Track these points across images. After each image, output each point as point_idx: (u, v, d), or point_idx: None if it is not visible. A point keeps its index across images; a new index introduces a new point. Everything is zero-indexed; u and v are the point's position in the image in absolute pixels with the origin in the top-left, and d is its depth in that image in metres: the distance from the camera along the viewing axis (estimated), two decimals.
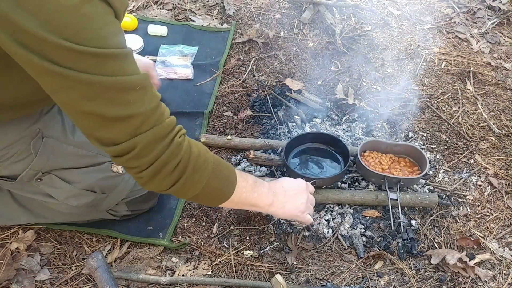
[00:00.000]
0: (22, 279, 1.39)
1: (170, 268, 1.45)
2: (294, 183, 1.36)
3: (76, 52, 0.80)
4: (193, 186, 1.06)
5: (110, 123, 0.90)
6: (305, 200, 1.35)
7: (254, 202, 1.24)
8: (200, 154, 1.05)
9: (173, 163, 0.99)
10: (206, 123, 1.90)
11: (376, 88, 2.08)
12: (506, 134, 1.90)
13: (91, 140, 0.96)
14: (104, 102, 0.87)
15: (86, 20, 0.81)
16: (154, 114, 0.95)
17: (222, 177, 1.12)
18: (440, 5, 2.55)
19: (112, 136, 0.93)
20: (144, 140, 0.94)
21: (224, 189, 1.14)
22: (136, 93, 0.91)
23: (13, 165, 1.27)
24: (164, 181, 1.01)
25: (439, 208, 1.62)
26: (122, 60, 0.89)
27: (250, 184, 1.21)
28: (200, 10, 2.48)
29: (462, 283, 1.43)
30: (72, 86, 0.85)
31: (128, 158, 0.95)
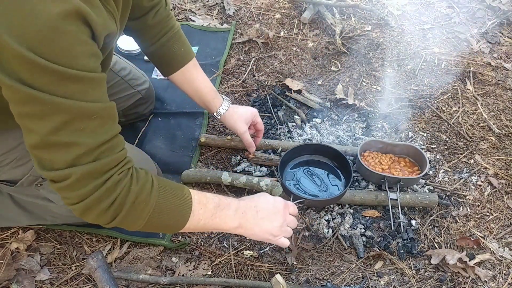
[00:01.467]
0: (22, 279, 1.39)
1: (170, 268, 1.45)
2: (269, 203, 1.22)
3: (35, 66, 0.75)
4: (134, 222, 0.99)
5: (50, 146, 0.85)
6: (280, 223, 1.22)
7: (216, 227, 1.15)
8: (143, 190, 0.97)
9: (107, 202, 0.92)
10: (206, 123, 1.90)
11: (376, 88, 2.08)
12: (506, 134, 1.90)
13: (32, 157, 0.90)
14: (51, 124, 0.82)
15: (56, 34, 0.76)
16: (100, 148, 0.89)
17: (169, 211, 1.03)
18: (440, 5, 2.55)
19: (50, 160, 0.87)
20: (79, 172, 0.87)
21: (172, 222, 1.06)
22: (89, 122, 0.85)
23: (13, 170, 1.27)
24: (99, 217, 0.94)
25: (439, 208, 1.62)
26: (86, 85, 0.83)
27: (210, 210, 1.11)
28: (200, 10, 2.48)
29: (462, 283, 1.43)
30: (23, 101, 0.80)
31: (60, 187, 0.89)
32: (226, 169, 1.73)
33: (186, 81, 1.54)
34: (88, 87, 0.84)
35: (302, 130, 1.88)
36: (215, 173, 1.65)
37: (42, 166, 0.89)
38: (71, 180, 0.88)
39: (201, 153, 1.80)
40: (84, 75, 0.82)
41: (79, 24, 0.79)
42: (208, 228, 1.15)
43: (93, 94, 0.85)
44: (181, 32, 1.51)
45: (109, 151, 0.91)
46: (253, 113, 1.64)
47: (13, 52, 0.74)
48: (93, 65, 0.85)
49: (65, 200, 0.93)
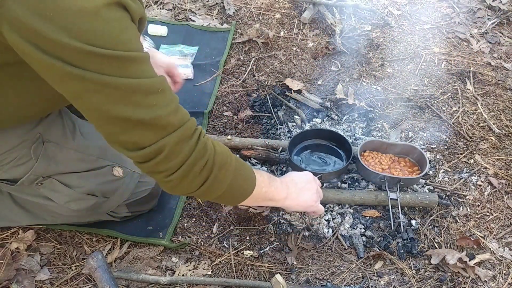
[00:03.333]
0: (22, 279, 1.39)
1: (170, 268, 1.45)
2: (302, 175, 1.38)
3: (99, 56, 0.81)
4: (220, 185, 1.06)
5: (135, 127, 0.90)
6: (315, 189, 1.37)
7: (272, 196, 1.25)
8: (223, 153, 1.06)
9: (201, 163, 0.99)
10: (206, 123, 1.90)
11: (376, 88, 2.08)
12: (506, 134, 1.90)
13: (115, 146, 0.95)
14: (128, 105, 0.87)
15: (107, 24, 0.81)
16: (176, 115, 0.95)
17: (244, 174, 1.13)
18: (440, 5, 2.55)
19: (138, 140, 0.92)
20: (171, 141, 0.93)
21: (247, 185, 1.15)
22: (158, 95, 0.91)
23: (14, 169, 1.27)
24: (193, 182, 1.00)
25: (439, 208, 1.62)
26: (143, 63, 0.89)
27: (266, 179, 1.22)
28: (200, 10, 2.48)
29: (462, 283, 1.43)
30: (97, 90, 0.85)
31: (156, 162, 0.94)
32: None
33: None
34: (146, 65, 0.90)
35: (302, 130, 1.88)
36: None
37: (129, 149, 0.94)
38: (167, 151, 0.93)
39: None
40: (140, 55, 0.88)
41: (122, 10, 0.85)
42: (265, 197, 1.23)
43: (150, 70, 0.91)
44: None
45: (185, 117, 0.98)
46: (170, 62, 1.61)
47: (76, 50, 0.79)
48: (140, 46, 0.91)
49: (160, 174, 0.97)
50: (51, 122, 1.29)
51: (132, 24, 0.89)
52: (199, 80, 2.08)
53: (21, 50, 0.83)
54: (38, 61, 0.83)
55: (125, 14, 0.86)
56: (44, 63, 0.82)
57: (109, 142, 0.95)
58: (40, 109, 1.22)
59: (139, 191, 1.47)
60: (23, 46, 0.81)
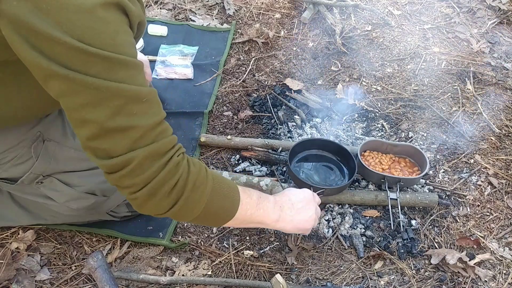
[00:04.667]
0: (22, 279, 1.39)
1: (170, 268, 1.45)
2: (300, 194, 1.28)
3: (88, 54, 0.79)
4: (194, 207, 1.00)
5: (109, 133, 0.86)
6: (313, 211, 1.27)
7: (260, 219, 1.17)
8: (200, 173, 1.00)
9: (171, 183, 0.93)
10: (206, 123, 1.90)
11: (376, 88, 2.08)
12: (506, 134, 1.90)
13: (86, 152, 0.92)
14: (107, 110, 0.84)
15: (103, 24, 0.80)
16: (155, 130, 0.91)
17: (224, 195, 1.06)
18: (440, 5, 2.55)
19: (108, 148, 0.88)
20: (141, 155, 0.88)
21: (227, 207, 1.08)
22: (141, 105, 0.88)
23: (14, 168, 1.27)
24: (161, 202, 0.94)
25: (439, 208, 1.62)
26: (132, 70, 0.87)
27: (254, 201, 1.14)
28: (200, 10, 2.48)
29: (462, 283, 1.43)
30: (78, 90, 0.82)
31: (121, 174, 0.90)
32: (226, 169, 1.73)
33: None
34: (135, 72, 0.88)
35: (302, 130, 1.88)
36: None
37: (99, 157, 0.90)
38: (134, 164, 0.88)
39: (201, 153, 1.80)
40: (130, 61, 0.86)
41: (120, 13, 0.84)
42: (252, 221, 1.16)
43: (140, 79, 0.89)
44: None
45: (164, 133, 0.93)
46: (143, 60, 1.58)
47: (66, 45, 0.78)
48: (134, 52, 0.89)
49: (126, 189, 0.93)
50: (51, 121, 1.29)
51: (128, 29, 0.87)
52: (199, 80, 2.08)
53: (14, 46, 0.82)
54: (27, 57, 0.82)
55: (123, 18, 0.85)
56: (32, 59, 0.81)
57: (82, 147, 0.91)
58: (41, 109, 1.22)
59: None
60: (16, 42, 0.80)
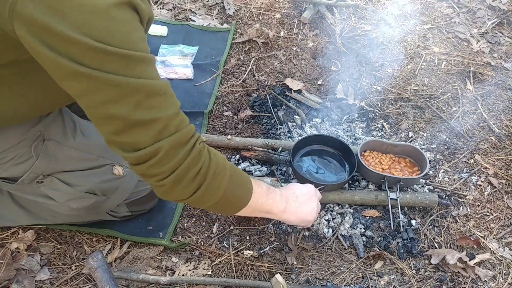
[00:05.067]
0: (22, 279, 1.39)
1: (170, 268, 1.45)
2: (304, 189, 1.36)
3: (106, 53, 0.82)
4: (214, 193, 1.05)
5: (133, 127, 0.90)
6: (315, 204, 1.35)
7: (269, 209, 1.24)
8: (219, 161, 1.05)
9: (195, 170, 0.99)
10: (206, 123, 1.90)
11: (376, 88, 2.08)
12: (506, 134, 1.90)
13: (111, 147, 0.96)
14: (129, 105, 0.88)
15: (116, 23, 0.83)
16: (175, 120, 0.95)
17: (239, 183, 1.12)
18: (440, 5, 2.55)
19: (134, 141, 0.92)
20: (167, 145, 0.93)
21: (242, 195, 1.14)
22: (159, 97, 0.92)
23: (14, 167, 1.27)
24: (186, 189, 1.00)
25: (439, 208, 1.62)
26: (148, 65, 0.90)
27: (264, 191, 1.21)
28: (200, 10, 2.48)
29: (462, 283, 1.43)
30: (99, 88, 0.85)
31: (150, 164, 0.94)
32: None
33: None
34: (151, 66, 0.91)
35: (302, 130, 1.88)
36: None
37: (125, 150, 0.94)
38: (161, 154, 0.93)
39: None
40: (145, 56, 0.89)
41: (132, 11, 0.87)
42: (261, 209, 1.22)
43: (155, 73, 0.93)
44: None
45: (184, 122, 0.98)
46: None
47: (84, 46, 0.81)
48: (147, 47, 0.92)
49: (153, 178, 0.97)
50: (51, 121, 1.29)
51: (140, 25, 0.90)
52: (199, 80, 2.08)
53: (31, 47, 0.84)
54: (45, 58, 0.84)
55: (135, 15, 0.88)
56: (51, 60, 0.83)
57: (106, 142, 0.96)
58: (43, 108, 1.22)
59: (139, 190, 1.47)
60: (32, 43, 0.82)
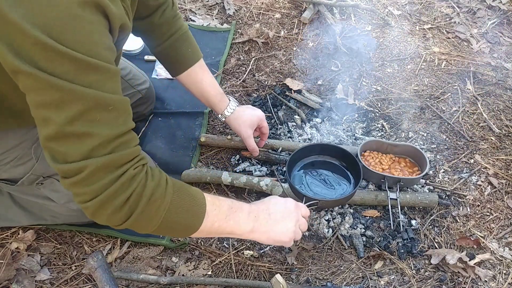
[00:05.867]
0: (22, 279, 1.39)
1: (170, 268, 1.45)
2: (281, 205, 1.19)
3: (56, 53, 0.76)
4: (150, 221, 0.95)
5: (66, 137, 0.83)
6: (293, 224, 1.18)
7: (230, 231, 1.11)
8: (158, 187, 0.95)
9: (123, 197, 0.89)
10: (206, 122, 1.90)
11: (376, 88, 2.08)
12: (506, 134, 1.90)
13: (45, 152, 0.88)
14: (68, 113, 0.81)
15: (76, 22, 0.77)
16: (115, 141, 0.87)
17: (185, 209, 1.00)
18: (440, 5, 2.55)
19: (64, 152, 0.85)
20: (94, 165, 0.85)
21: (189, 222, 1.02)
22: (106, 113, 0.84)
23: (14, 169, 1.27)
24: (113, 216, 0.90)
25: (439, 208, 1.62)
26: (104, 75, 0.83)
27: (224, 212, 1.08)
28: (200, 10, 2.48)
29: (462, 283, 1.43)
30: (41, 89, 0.79)
31: (73, 181, 0.86)
32: (226, 169, 1.73)
33: (192, 83, 1.55)
34: (106, 77, 0.84)
35: (302, 130, 1.88)
36: (215, 173, 1.65)
37: (55, 159, 0.86)
38: (86, 173, 0.85)
39: (201, 153, 1.80)
40: (102, 65, 0.82)
41: (99, 14, 0.81)
42: (221, 232, 1.11)
43: (110, 86, 0.85)
44: (189, 33, 1.51)
45: (124, 145, 0.90)
46: (259, 117, 1.62)
47: (34, 40, 0.74)
48: (110, 57, 0.85)
49: (78, 197, 0.90)
50: None
51: (105, 32, 0.84)
52: None
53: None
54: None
55: (102, 20, 0.82)
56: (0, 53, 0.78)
57: (41, 144, 0.88)
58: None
59: None
60: None
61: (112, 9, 0.82)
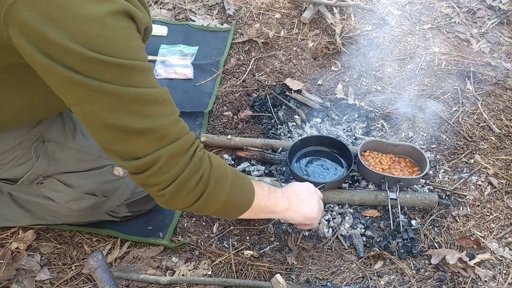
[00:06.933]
0: (22, 279, 1.39)
1: (170, 268, 1.45)
2: (304, 186, 1.36)
3: (102, 63, 0.81)
4: (216, 199, 1.04)
5: (132, 136, 0.89)
6: (316, 201, 1.35)
7: (272, 208, 1.23)
8: (220, 167, 1.04)
9: (196, 178, 0.98)
10: (206, 122, 1.90)
11: (376, 88, 2.08)
12: (506, 134, 1.90)
13: (110, 155, 0.95)
14: (127, 114, 0.87)
15: (113, 32, 0.83)
16: (175, 128, 0.94)
17: (241, 187, 1.11)
18: (440, 5, 2.55)
19: (133, 150, 0.91)
20: (167, 153, 0.92)
21: (245, 199, 1.13)
22: (158, 106, 0.91)
23: (14, 168, 1.27)
24: (187, 197, 0.99)
25: (439, 208, 1.62)
26: (145, 73, 0.89)
27: (266, 191, 1.20)
28: (200, 10, 2.48)
29: (462, 283, 1.42)
30: (96, 97, 0.84)
31: (149, 174, 0.93)
32: None
33: None
34: (148, 75, 0.90)
35: (302, 130, 1.88)
36: None
37: (123, 158, 0.93)
38: (161, 163, 0.92)
39: None
40: (143, 65, 0.88)
41: (128, 20, 0.86)
42: (265, 210, 1.21)
43: (152, 81, 0.92)
44: None
45: (183, 130, 0.97)
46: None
47: (80, 56, 0.80)
48: (145, 56, 0.91)
49: (154, 187, 0.96)
50: (51, 122, 1.29)
51: (137, 34, 0.90)
52: (199, 80, 2.08)
53: (26, 54, 0.83)
54: (40, 65, 0.83)
55: (131, 24, 0.87)
56: (47, 67, 0.82)
57: (104, 150, 0.95)
58: (44, 112, 1.22)
59: (139, 190, 1.47)
60: (28, 50, 0.81)
61: (139, 14, 0.88)
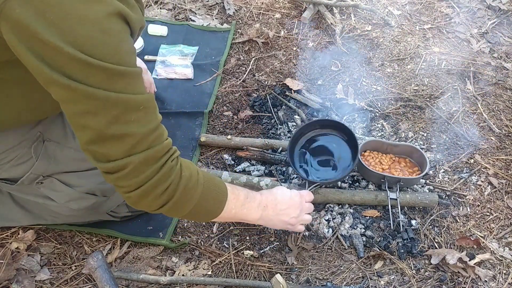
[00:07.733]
0: (22, 279, 1.39)
1: (170, 268, 1.45)
2: (286, 197, 1.34)
3: (89, 66, 0.82)
4: (182, 207, 1.07)
5: (107, 140, 0.91)
6: (297, 214, 1.34)
7: (243, 218, 1.26)
8: (191, 177, 1.06)
9: (163, 187, 0.99)
10: (206, 122, 1.90)
11: (376, 88, 2.08)
12: (506, 134, 1.90)
13: (86, 153, 0.96)
14: (106, 118, 0.88)
15: (105, 35, 0.83)
16: (151, 136, 0.95)
17: (211, 198, 1.13)
18: (440, 5, 2.55)
19: (106, 152, 0.93)
20: (136, 160, 0.94)
21: (214, 208, 1.15)
22: (138, 113, 0.92)
23: (14, 168, 1.27)
24: (153, 202, 1.01)
25: (439, 208, 1.62)
26: (132, 79, 0.90)
27: (241, 200, 1.22)
28: (200, 10, 2.48)
29: (462, 283, 1.43)
30: (78, 99, 0.85)
31: (117, 176, 0.95)
32: (226, 169, 1.73)
33: None
34: (133, 81, 0.91)
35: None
36: (215, 173, 1.65)
37: (97, 159, 0.95)
38: (129, 169, 0.94)
39: (201, 153, 1.80)
40: (130, 71, 0.89)
41: (122, 23, 0.87)
42: (235, 218, 1.26)
43: (138, 87, 0.92)
44: None
45: (159, 138, 0.98)
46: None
47: (67, 56, 0.80)
48: (134, 60, 0.92)
49: (121, 189, 0.99)
50: (51, 122, 1.29)
51: (129, 38, 0.90)
52: (199, 80, 2.08)
53: (16, 51, 0.84)
54: (29, 63, 0.84)
55: (125, 27, 0.88)
56: (33, 64, 0.83)
57: (81, 148, 0.96)
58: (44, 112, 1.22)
59: None
60: (17, 47, 0.82)
61: (132, 16, 0.89)
